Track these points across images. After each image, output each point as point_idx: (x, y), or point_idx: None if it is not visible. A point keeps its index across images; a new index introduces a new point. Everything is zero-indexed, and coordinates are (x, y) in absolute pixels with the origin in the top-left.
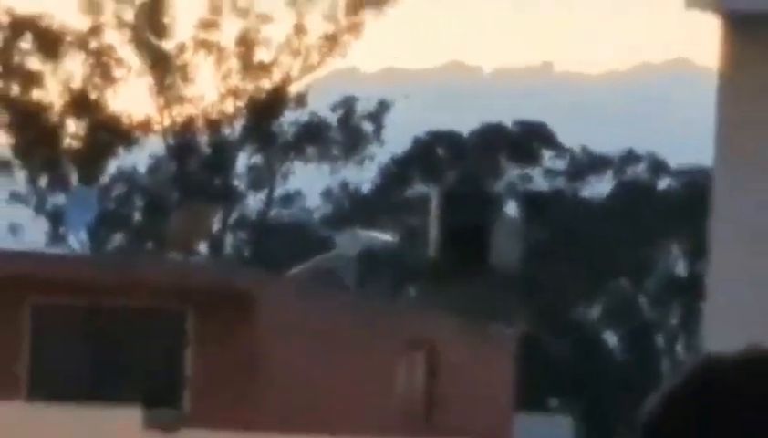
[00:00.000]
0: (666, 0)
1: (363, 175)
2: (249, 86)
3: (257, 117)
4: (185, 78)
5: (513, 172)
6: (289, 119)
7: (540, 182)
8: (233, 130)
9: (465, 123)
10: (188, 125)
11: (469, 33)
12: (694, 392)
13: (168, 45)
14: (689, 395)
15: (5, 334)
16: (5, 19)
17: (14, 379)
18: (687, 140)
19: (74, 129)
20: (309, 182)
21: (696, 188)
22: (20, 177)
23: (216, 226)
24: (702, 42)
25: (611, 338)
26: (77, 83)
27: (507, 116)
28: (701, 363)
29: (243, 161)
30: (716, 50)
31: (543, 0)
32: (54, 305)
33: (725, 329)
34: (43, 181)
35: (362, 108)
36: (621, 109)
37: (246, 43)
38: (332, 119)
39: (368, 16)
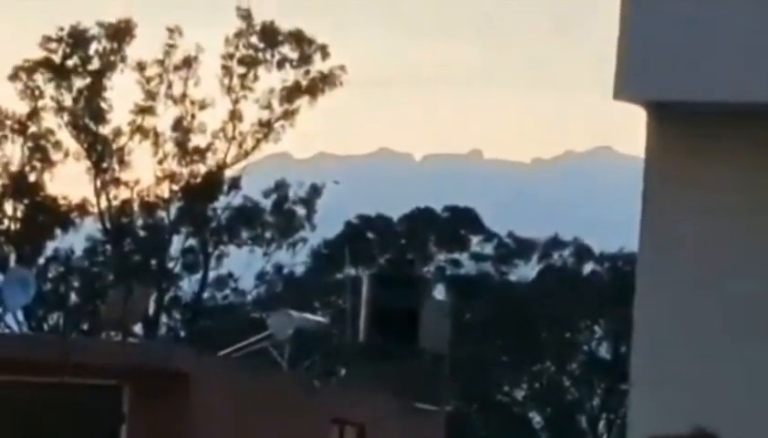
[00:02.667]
0: (590, 90)
1: (296, 258)
2: (184, 170)
3: (192, 200)
4: (122, 162)
5: (441, 256)
6: (223, 203)
7: (468, 266)
8: (169, 214)
9: (395, 208)
10: (124, 208)
11: (399, 121)
12: None
13: (105, 129)
14: None
15: None
16: None
17: None
18: (610, 225)
19: (12, 211)
20: (243, 264)
21: (619, 273)
22: None
23: (151, 307)
24: (625, 130)
25: (536, 418)
26: (15, 166)
27: (436, 201)
28: None
29: (177, 243)
30: (639, 138)
31: (472, 89)
32: None
33: (648, 411)
34: None
35: (294, 192)
36: (547, 195)
37: (182, 128)
38: (265, 203)
39: (302, 104)
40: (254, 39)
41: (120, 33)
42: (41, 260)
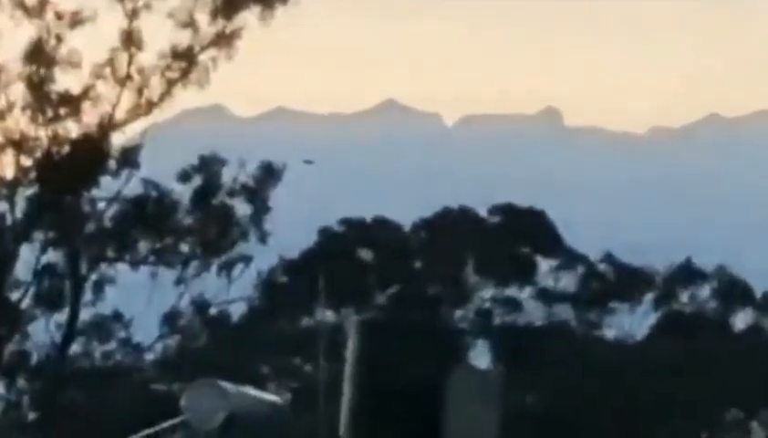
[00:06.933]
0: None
1: (232, 290)
2: (43, 132)
3: (55, 186)
4: None
5: (485, 293)
6: (109, 189)
7: (531, 311)
8: (14, 207)
9: (407, 205)
10: None
11: (403, 49)
12: None
13: None
14: None
15: None
16: None
17: None
18: None
19: None
20: (139, 298)
21: None
22: None
23: None
24: None
25: None
26: None
27: (476, 194)
28: None
29: (28, 258)
30: None
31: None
32: None
33: None
34: None
35: (233, 175)
36: (672, 187)
37: (41, 58)
38: (182, 191)
39: (248, 19)
40: None
41: None
42: None
